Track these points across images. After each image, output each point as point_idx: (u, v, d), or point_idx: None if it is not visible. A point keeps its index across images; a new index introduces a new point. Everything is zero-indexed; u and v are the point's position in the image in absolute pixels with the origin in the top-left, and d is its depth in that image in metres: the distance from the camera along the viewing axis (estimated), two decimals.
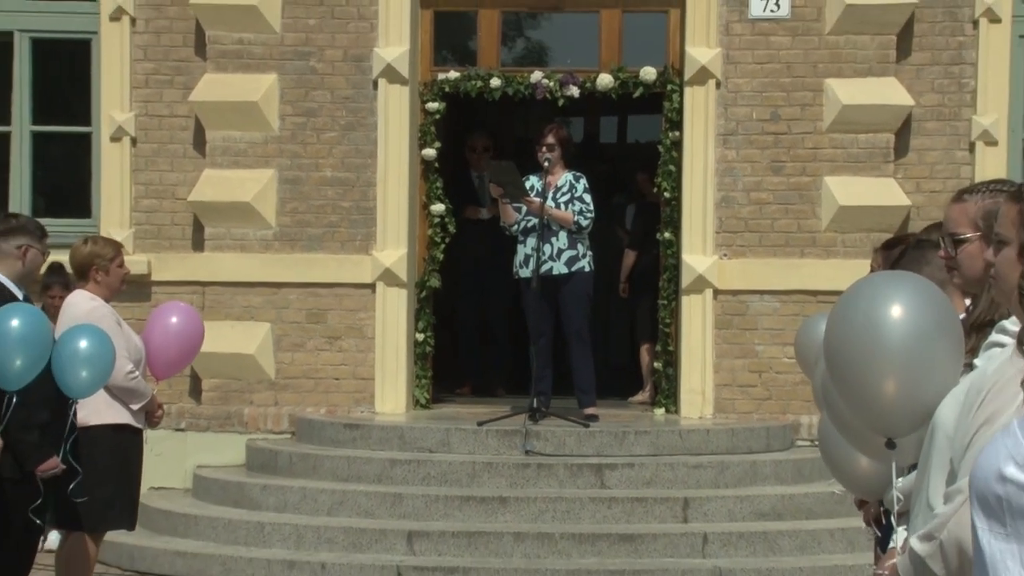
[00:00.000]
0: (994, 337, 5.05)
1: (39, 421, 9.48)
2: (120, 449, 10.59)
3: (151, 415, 10.88)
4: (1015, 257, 4.18)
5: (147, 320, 11.19)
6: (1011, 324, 5.09)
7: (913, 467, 5.46)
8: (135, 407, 10.67)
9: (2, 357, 8.80)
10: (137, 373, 10.63)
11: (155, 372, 10.89)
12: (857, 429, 5.52)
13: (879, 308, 5.15)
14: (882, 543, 7.99)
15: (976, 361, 4.88)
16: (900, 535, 5.37)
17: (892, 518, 5.56)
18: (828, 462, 6.79)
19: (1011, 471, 3.36)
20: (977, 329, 5.02)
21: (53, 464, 9.58)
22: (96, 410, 10.31)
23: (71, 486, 9.90)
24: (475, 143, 16.99)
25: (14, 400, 8.97)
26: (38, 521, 9.59)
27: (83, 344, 9.55)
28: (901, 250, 9.12)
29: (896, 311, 5.10)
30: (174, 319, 11.02)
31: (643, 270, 16.40)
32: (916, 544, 4.86)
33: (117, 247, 10.94)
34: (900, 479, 5.39)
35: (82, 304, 10.52)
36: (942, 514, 4.74)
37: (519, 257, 14.71)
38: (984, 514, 3.43)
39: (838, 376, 5.33)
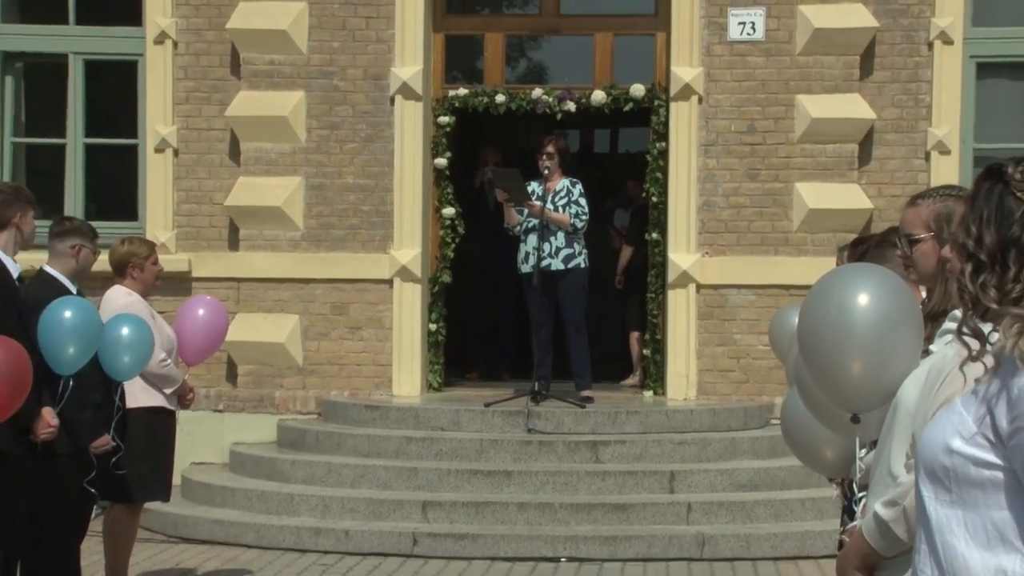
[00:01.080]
0: (947, 325, 5.04)
1: (91, 402, 9.48)
2: (154, 429, 10.57)
3: (183, 398, 10.87)
4: None
5: (176, 313, 11.12)
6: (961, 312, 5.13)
7: (874, 444, 5.43)
8: (168, 391, 10.65)
9: (56, 345, 8.79)
10: (169, 361, 10.61)
11: (186, 359, 10.86)
12: (826, 406, 5.51)
13: (849, 297, 5.13)
14: (849, 510, 7.97)
15: (932, 347, 4.88)
16: (857, 504, 5.34)
17: (854, 487, 5.53)
18: (791, 444, 6.75)
19: (957, 444, 3.35)
20: (932, 319, 4.99)
21: (104, 441, 9.61)
22: (132, 395, 10.29)
23: (112, 460, 9.91)
24: (487, 157, 16.96)
25: (70, 383, 8.96)
26: (92, 490, 9.60)
27: (125, 331, 9.56)
28: (862, 249, 9.14)
29: (864, 300, 5.09)
30: (201, 311, 10.97)
31: (633, 267, 16.42)
32: (880, 509, 4.84)
33: (151, 246, 10.93)
34: (864, 451, 5.37)
35: (119, 299, 10.50)
36: (905, 483, 4.73)
37: (521, 255, 14.72)
38: (931, 483, 3.43)
39: (810, 358, 5.33)
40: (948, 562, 3.36)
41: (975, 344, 3.48)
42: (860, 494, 5.33)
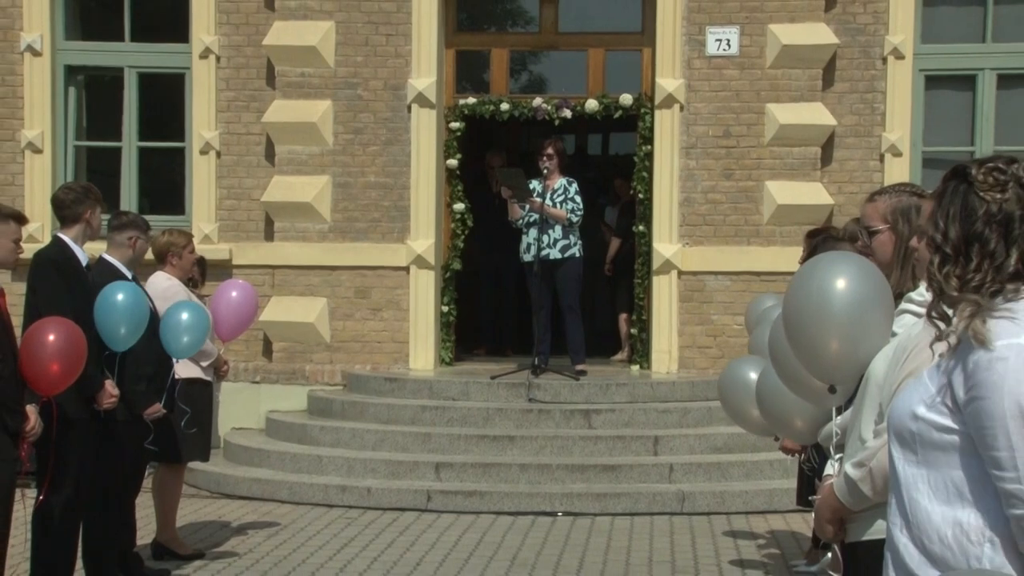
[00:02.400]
0: (903, 306, 5.14)
1: (145, 374, 9.54)
2: (193, 398, 10.58)
3: (218, 370, 10.90)
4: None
5: (212, 295, 11.10)
6: (916, 295, 5.14)
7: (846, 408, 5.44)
8: (204, 364, 10.69)
9: (111, 325, 8.79)
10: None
11: (220, 335, 10.84)
12: (803, 378, 5.52)
13: (828, 282, 5.12)
14: (817, 472, 7.98)
15: (895, 327, 4.92)
16: (833, 464, 5.37)
17: (825, 451, 5.55)
18: (765, 415, 6.80)
19: (922, 411, 3.39)
20: None
21: (156, 409, 9.65)
22: (175, 367, 10.31)
23: (183, 421, 10.21)
24: (492, 160, 16.94)
25: (126, 359, 9.01)
26: (154, 449, 9.71)
27: (185, 316, 9.58)
28: (815, 242, 9.25)
29: (841, 284, 5.08)
30: (234, 294, 10.93)
31: (622, 256, 16.40)
32: (850, 470, 4.88)
33: (188, 237, 10.95)
34: (839, 417, 5.38)
35: (160, 283, 10.54)
36: (872, 447, 4.77)
37: (523, 245, 14.71)
38: (900, 445, 3.47)
39: (793, 336, 5.32)
40: (913, 515, 3.40)
41: (943, 325, 3.50)
42: (836, 455, 5.34)
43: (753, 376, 7.08)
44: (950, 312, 3.43)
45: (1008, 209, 3.39)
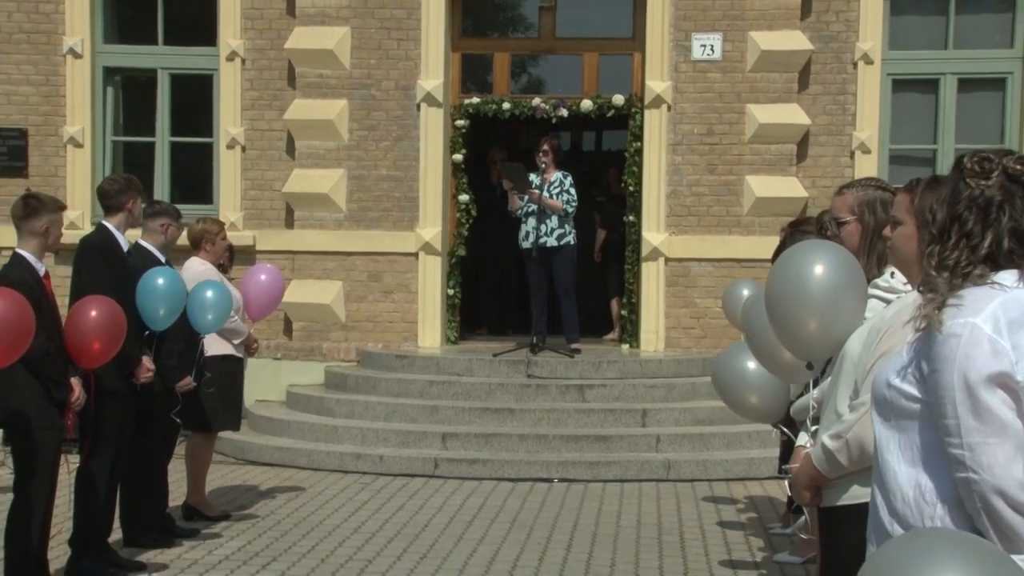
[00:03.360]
0: (869, 291, 5.16)
1: (177, 350, 9.56)
2: (225, 372, 10.59)
3: (249, 347, 10.90)
4: (908, 234, 4.21)
5: (242, 277, 11.12)
6: (882, 282, 5.20)
7: (814, 384, 5.44)
8: (236, 342, 10.70)
9: (151, 306, 8.85)
10: (236, 317, 10.63)
11: (250, 315, 10.85)
12: (783, 357, 5.50)
13: (806, 268, 5.12)
14: (788, 444, 7.99)
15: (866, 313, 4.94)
16: (806, 436, 5.39)
17: (798, 425, 5.57)
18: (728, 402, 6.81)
19: (895, 380, 3.42)
20: None
21: (187, 382, 9.70)
22: (208, 344, 10.34)
23: (211, 390, 10.23)
24: (494, 155, 16.94)
25: (161, 336, 9.08)
26: (178, 420, 9.71)
27: (209, 294, 9.61)
28: (784, 235, 9.27)
29: (819, 270, 5.08)
30: (263, 277, 10.94)
31: (614, 244, 16.39)
32: (827, 441, 4.88)
33: (220, 225, 10.95)
34: (815, 390, 5.40)
35: (195, 267, 10.56)
36: (848, 420, 4.79)
37: (522, 233, 14.73)
38: (878, 411, 3.49)
39: (775, 318, 5.31)
40: (883, 474, 3.43)
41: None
42: (812, 427, 5.35)
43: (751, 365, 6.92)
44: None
45: (989, 194, 3.39)
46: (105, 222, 9.04)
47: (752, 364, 6.72)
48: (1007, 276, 3.37)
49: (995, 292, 3.32)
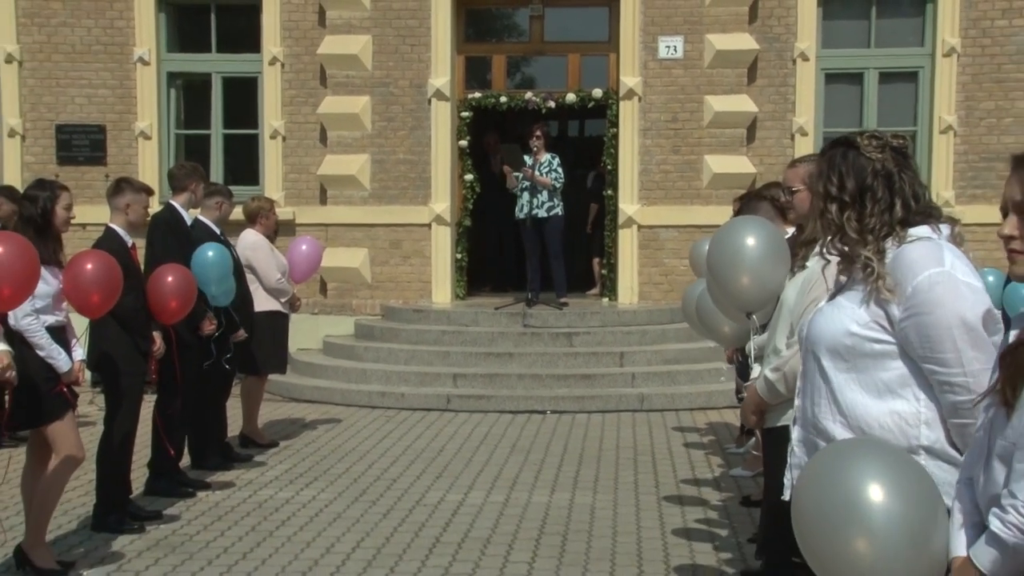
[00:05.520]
0: (816, 249, 5.15)
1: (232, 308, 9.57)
2: (273, 326, 10.62)
3: (293, 305, 10.90)
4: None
5: (288, 246, 11.20)
6: None
7: (763, 327, 5.54)
8: (282, 300, 10.71)
9: (205, 277, 8.83)
10: (283, 279, 10.65)
11: (294, 277, 10.91)
12: (728, 307, 5.57)
13: (740, 237, 5.16)
14: (741, 373, 8.06)
15: (808, 263, 4.97)
16: (756, 369, 5.44)
17: (749, 360, 5.63)
18: (704, 328, 6.83)
19: (855, 328, 3.36)
20: (805, 244, 5.01)
21: (241, 335, 9.70)
22: (259, 302, 10.37)
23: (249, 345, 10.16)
24: (489, 140, 16.94)
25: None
26: (227, 366, 9.70)
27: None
28: (740, 204, 9.27)
29: (750, 239, 5.11)
30: (304, 246, 11.00)
31: (596, 213, 16.37)
32: (769, 373, 4.94)
33: (272, 203, 10.94)
34: (758, 336, 5.44)
35: (250, 238, 10.59)
36: (785, 356, 4.87)
37: (518, 206, 14.66)
38: (831, 358, 3.41)
39: (716, 276, 5.31)
40: (849, 409, 3.37)
41: (833, 258, 3.56)
42: (755, 364, 5.43)
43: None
44: (846, 248, 3.43)
45: (888, 167, 3.42)
46: (172, 201, 9.11)
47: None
48: (923, 231, 3.37)
49: (936, 244, 3.32)
